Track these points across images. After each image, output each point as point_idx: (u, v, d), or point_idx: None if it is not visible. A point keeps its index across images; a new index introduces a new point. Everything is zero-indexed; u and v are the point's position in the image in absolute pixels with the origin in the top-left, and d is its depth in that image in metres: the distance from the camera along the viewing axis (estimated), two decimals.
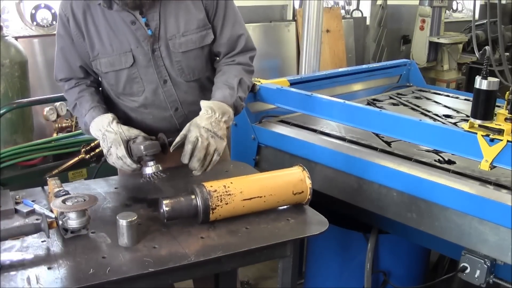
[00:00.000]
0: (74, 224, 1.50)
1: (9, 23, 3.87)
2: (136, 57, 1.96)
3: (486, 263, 1.98)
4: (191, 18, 1.98)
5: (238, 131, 2.75)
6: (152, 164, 1.85)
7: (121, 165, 1.88)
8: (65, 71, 2.05)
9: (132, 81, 2.00)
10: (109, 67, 1.98)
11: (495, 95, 2.17)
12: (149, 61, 1.97)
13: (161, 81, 2.00)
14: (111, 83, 2.04)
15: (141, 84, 2.01)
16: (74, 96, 2.05)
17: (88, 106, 2.00)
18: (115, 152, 1.86)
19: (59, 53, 2.04)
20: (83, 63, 2.03)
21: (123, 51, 1.95)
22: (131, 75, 1.99)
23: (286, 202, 1.78)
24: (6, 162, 2.69)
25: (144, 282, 1.44)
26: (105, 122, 1.92)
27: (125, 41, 1.94)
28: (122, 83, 2.01)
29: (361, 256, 2.62)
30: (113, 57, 1.96)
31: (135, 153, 1.84)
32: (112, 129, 1.89)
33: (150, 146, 1.83)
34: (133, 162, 1.85)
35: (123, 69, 1.97)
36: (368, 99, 3.32)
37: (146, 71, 1.99)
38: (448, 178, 2.12)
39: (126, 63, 1.96)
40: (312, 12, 3.89)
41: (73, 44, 1.99)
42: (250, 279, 3.38)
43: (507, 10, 6.10)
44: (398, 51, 6.93)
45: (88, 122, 1.97)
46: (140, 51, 1.95)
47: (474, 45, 3.24)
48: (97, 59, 1.98)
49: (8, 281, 1.32)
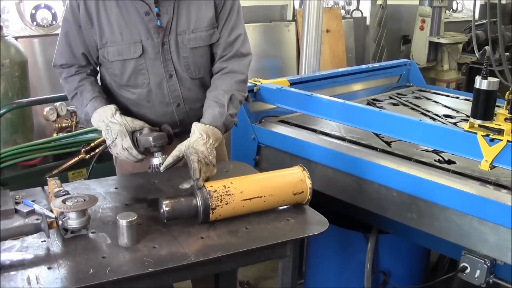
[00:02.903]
0: (74, 224, 1.50)
1: (9, 23, 3.87)
2: (145, 48, 1.97)
3: (486, 263, 1.98)
4: (202, 15, 2.00)
5: (238, 131, 2.75)
6: (159, 155, 1.90)
7: (126, 156, 1.90)
8: (67, 57, 2.05)
9: (138, 72, 2.01)
10: (117, 56, 1.98)
11: (495, 95, 2.17)
12: (157, 53, 1.98)
13: (167, 75, 2.01)
14: (115, 73, 2.03)
15: (147, 76, 2.01)
16: (74, 85, 2.05)
17: (90, 96, 2.01)
18: (121, 143, 1.88)
19: (62, 38, 2.04)
20: (86, 50, 2.03)
21: (132, 41, 1.96)
22: (138, 66, 1.99)
23: (286, 202, 1.78)
24: (6, 162, 2.68)
25: (144, 282, 1.44)
26: (109, 113, 1.93)
27: (135, 31, 1.95)
28: (127, 74, 2.01)
29: (361, 256, 2.62)
30: (122, 46, 1.96)
31: (143, 144, 1.89)
32: (116, 120, 1.91)
33: (158, 138, 1.88)
34: (139, 153, 1.89)
35: (131, 59, 1.98)
36: (368, 99, 3.32)
37: (153, 64, 1.99)
38: (448, 178, 2.12)
39: (135, 53, 1.97)
40: (312, 12, 3.89)
41: (79, 30, 1.99)
42: (250, 279, 3.38)
43: (507, 10, 6.10)
44: (398, 51, 6.93)
45: (90, 112, 1.99)
46: (149, 42, 1.96)
47: (474, 45, 3.25)
48: (105, 47, 1.98)
49: (8, 281, 1.32)
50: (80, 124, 3.22)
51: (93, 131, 2.92)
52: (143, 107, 2.07)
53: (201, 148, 1.83)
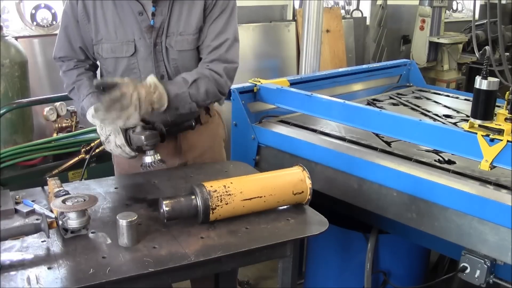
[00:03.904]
0: (74, 224, 1.51)
1: (9, 23, 3.87)
2: (138, 48, 1.99)
3: (486, 263, 1.97)
4: (191, 20, 2.01)
5: (238, 131, 2.75)
6: (151, 153, 1.92)
7: (119, 153, 1.93)
8: (66, 50, 2.08)
9: (130, 71, 2.03)
10: (110, 53, 2.01)
11: (495, 95, 2.17)
12: (149, 54, 2.00)
13: (158, 76, 2.02)
14: (109, 70, 2.06)
15: (138, 75, 2.03)
16: (72, 79, 2.08)
17: (86, 92, 2.04)
18: (114, 140, 1.90)
19: (62, 32, 2.07)
20: (83, 45, 2.06)
21: (126, 40, 1.98)
22: (130, 65, 2.02)
23: (286, 202, 1.78)
24: (6, 162, 2.69)
25: (144, 282, 1.44)
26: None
27: (129, 30, 1.97)
28: (120, 71, 2.04)
29: (361, 256, 2.61)
30: (116, 44, 1.99)
31: (135, 142, 1.90)
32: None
33: (150, 136, 1.89)
34: (132, 150, 1.90)
35: (123, 57, 2.01)
36: (368, 99, 3.32)
37: (145, 64, 2.01)
38: (448, 178, 2.12)
39: (127, 52, 1.99)
40: (312, 12, 3.88)
41: (77, 25, 2.02)
42: (250, 279, 3.38)
43: (507, 10, 6.10)
44: (398, 51, 6.93)
45: (86, 107, 2.01)
46: (142, 42, 1.98)
47: (474, 45, 3.25)
48: (100, 43, 2.01)
49: (8, 281, 1.32)
50: (80, 124, 3.23)
51: (93, 131, 2.92)
52: None
53: (142, 92, 1.80)
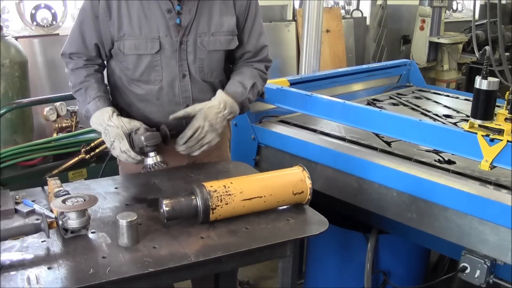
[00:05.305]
0: (74, 224, 1.50)
1: (9, 23, 3.88)
2: (163, 45, 1.98)
3: (486, 263, 1.97)
4: (223, 21, 2.03)
5: (238, 131, 2.75)
6: (153, 155, 1.91)
7: (125, 158, 1.92)
8: (77, 46, 2.03)
9: (152, 68, 2.01)
10: (133, 50, 1.98)
11: (495, 95, 2.16)
12: (174, 52, 1.99)
13: (181, 74, 2.02)
14: (128, 67, 2.03)
15: (160, 73, 2.01)
16: (80, 79, 2.04)
17: (94, 94, 2.01)
18: (119, 146, 1.89)
19: (76, 27, 2.03)
20: (99, 41, 2.02)
21: (151, 37, 1.96)
22: (153, 62, 2.00)
23: (286, 202, 1.78)
24: (6, 162, 2.69)
25: (144, 282, 1.44)
26: (106, 116, 1.94)
27: (155, 27, 1.96)
28: (141, 69, 2.01)
29: (361, 256, 2.61)
30: (140, 40, 1.97)
31: (137, 143, 1.89)
32: (113, 123, 1.91)
33: (150, 137, 1.89)
34: (137, 154, 1.90)
35: (147, 54, 1.98)
36: (368, 99, 3.32)
37: (169, 62, 2.00)
38: (448, 178, 2.12)
39: (152, 49, 1.97)
40: (312, 12, 3.89)
41: (96, 20, 1.98)
42: (250, 279, 3.38)
43: (507, 10, 6.10)
44: (398, 51, 6.93)
45: (91, 110, 1.99)
46: (168, 40, 1.97)
47: (474, 45, 3.24)
48: (122, 40, 1.98)
49: (8, 281, 1.32)
50: (80, 124, 3.23)
51: (93, 131, 2.92)
52: (151, 104, 2.06)
53: (211, 116, 1.96)
